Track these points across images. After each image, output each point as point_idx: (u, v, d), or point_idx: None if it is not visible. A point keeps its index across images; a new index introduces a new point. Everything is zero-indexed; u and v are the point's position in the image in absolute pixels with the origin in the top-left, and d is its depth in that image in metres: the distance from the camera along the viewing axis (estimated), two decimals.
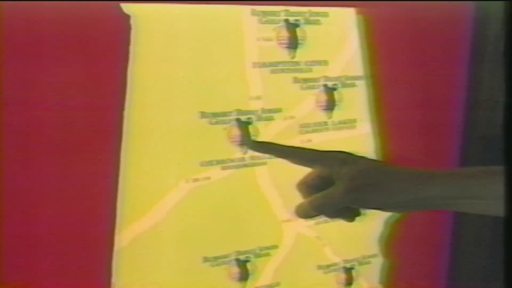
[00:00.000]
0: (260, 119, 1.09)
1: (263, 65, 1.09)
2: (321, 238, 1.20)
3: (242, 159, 1.09)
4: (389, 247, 1.29)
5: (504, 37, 1.24)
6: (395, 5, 1.20)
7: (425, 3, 1.22)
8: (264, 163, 1.11)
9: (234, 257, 1.11)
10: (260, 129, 1.09)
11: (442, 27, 1.27)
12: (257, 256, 1.14)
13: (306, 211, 0.77)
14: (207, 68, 1.04)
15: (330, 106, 1.17)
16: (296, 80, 1.13)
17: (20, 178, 0.91)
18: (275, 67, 1.10)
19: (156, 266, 1.05)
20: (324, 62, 1.15)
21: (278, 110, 1.11)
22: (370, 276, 1.28)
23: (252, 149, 1.02)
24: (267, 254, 1.15)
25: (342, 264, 1.25)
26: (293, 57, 1.12)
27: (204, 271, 1.09)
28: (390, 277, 1.30)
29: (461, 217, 1.35)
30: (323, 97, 1.16)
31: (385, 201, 0.74)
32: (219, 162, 1.06)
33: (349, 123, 1.20)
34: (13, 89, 0.88)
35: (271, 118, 1.11)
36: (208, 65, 1.04)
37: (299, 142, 1.12)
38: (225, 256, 1.10)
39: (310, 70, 1.14)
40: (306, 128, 1.15)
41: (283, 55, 1.11)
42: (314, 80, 1.15)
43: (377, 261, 1.29)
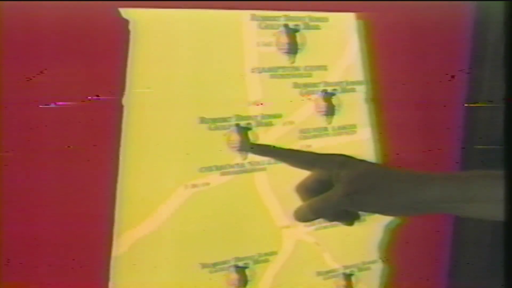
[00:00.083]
0: (260, 125, 1.09)
1: (263, 70, 1.08)
2: (321, 244, 1.20)
3: (242, 165, 1.08)
4: (389, 253, 1.28)
5: (505, 39, 1.23)
6: (395, 10, 1.19)
7: (425, 5, 1.22)
8: (264, 169, 1.10)
9: (233, 264, 1.11)
10: (260, 135, 1.09)
11: (442, 32, 1.27)
12: (256, 263, 1.13)
13: (305, 215, 0.77)
14: (207, 73, 1.03)
15: (330, 112, 1.17)
16: (296, 85, 1.12)
17: (20, 180, 0.91)
18: (275, 72, 1.10)
19: (155, 272, 1.04)
20: (324, 67, 1.15)
21: (278, 116, 1.11)
22: (370, 282, 1.28)
23: (252, 152, 1.01)
24: (266, 260, 1.14)
25: (342, 270, 1.24)
26: (293, 62, 1.11)
27: (203, 278, 1.08)
28: (390, 283, 1.30)
29: (461, 222, 1.34)
30: (323, 103, 1.16)
31: (385, 204, 0.73)
32: (218, 168, 1.06)
33: (349, 129, 1.20)
34: (13, 90, 0.87)
35: (271, 124, 1.10)
36: (208, 70, 1.03)
37: (299, 148, 1.11)
38: (224, 262, 1.10)
39: (310, 75, 1.13)
40: (306, 134, 1.14)
41: (283, 60, 1.10)
42: (314, 85, 1.14)
43: (377, 267, 1.28)
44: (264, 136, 1.09)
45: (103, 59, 0.94)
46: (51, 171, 0.93)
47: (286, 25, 1.09)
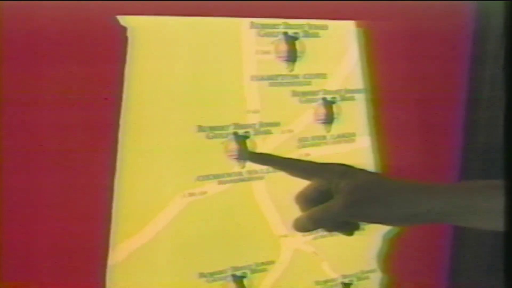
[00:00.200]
0: (258, 133, 1.08)
1: (262, 78, 1.08)
2: (319, 253, 1.19)
3: (239, 174, 1.07)
4: (388, 262, 1.27)
5: (505, 39, 1.23)
6: (394, 17, 1.19)
7: (424, 11, 1.21)
8: (262, 178, 1.09)
9: (231, 273, 1.10)
10: (258, 143, 1.08)
11: (442, 38, 1.26)
12: (254, 272, 1.12)
13: (305, 225, 0.76)
14: (205, 81, 1.03)
15: (329, 120, 1.16)
16: (295, 94, 1.12)
17: (15, 188, 0.90)
18: (274, 80, 1.09)
19: (152, 281, 1.03)
20: (323, 75, 1.14)
21: (276, 124, 1.10)
22: None
23: (251, 161, 1.01)
24: (264, 270, 1.13)
25: (340, 280, 1.23)
26: (292, 70, 1.11)
27: (200, 287, 1.07)
28: None
29: (461, 232, 1.33)
30: (322, 111, 1.15)
31: (385, 215, 0.73)
32: (216, 177, 1.05)
33: (348, 137, 1.19)
34: (12, 90, 0.86)
35: (269, 132, 1.09)
36: (206, 78, 1.03)
37: (298, 156, 1.11)
38: (221, 272, 1.09)
39: (309, 83, 1.13)
40: (305, 142, 1.14)
41: (282, 68, 1.10)
42: (313, 94, 1.13)
43: (376, 276, 1.28)
44: (263, 145, 1.08)
45: (101, 67, 0.93)
46: (47, 179, 0.92)
47: (285, 33, 1.09)
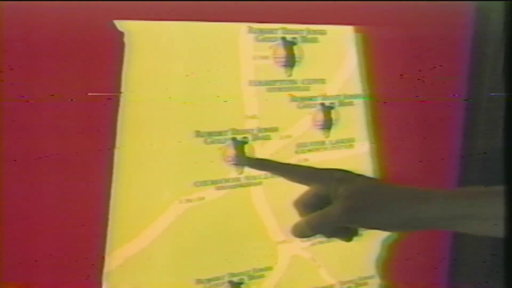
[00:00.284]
0: (256, 139, 1.08)
1: (260, 84, 1.07)
2: (317, 259, 1.18)
3: (237, 179, 1.07)
4: (387, 268, 1.27)
5: (505, 39, 1.22)
6: (393, 21, 1.19)
7: (423, 13, 1.21)
8: (260, 183, 1.09)
9: (228, 279, 1.09)
10: (256, 149, 1.08)
11: (441, 42, 1.26)
12: (251, 278, 1.12)
13: (303, 231, 0.76)
14: (203, 86, 1.02)
15: (328, 125, 1.15)
16: (293, 99, 1.11)
17: (13, 190, 0.89)
18: (272, 86, 1.09)
19: None
20: (322, 81, 1.14)
21: (275, 129, 1.10)
22: None
23: (249, 166, 1.00)
24: (262, 276, 1.13)
25: (338, 286, 1.23)
26: (290, 75, 1.10)
27: None
28: None
29: (460, 239, 1.33)
30: (320, 116, 1.14)
31: (384, 221, 0.73)
32: (214, 182, 1.04)
33: (347, 143, 1.18)
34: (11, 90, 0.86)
35: (268, 138, 1.09)
36: (204, 83, 1.02)
37: (296, 162, 1.10)
38: (219, 278, 1.08)
39: (307, 89, 1.12)
40: (303, 148, 1.13)
41: (280, 73, 1.09)
42: (311, 99, 1.13)
43: (374, 283, 1.27)
44: (261, 150, 1.08)
45: (97, 72, 0.93)
46: (43, 185, 0.92)
47: (284, 38, 1.08)
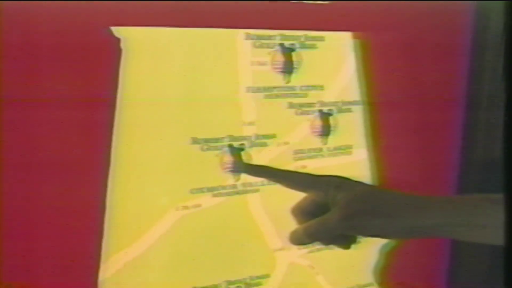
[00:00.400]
0: (254, 145, 1.07)
1: (257, 90, 1.07)
2: (314, 267, 1.18)
3: (234, 186, 1.06)
4: (385, 276, 1.26)
5: (505, 39, 1.22)
6: (391, 27, 1.18)
7: (422, 18, 1.20)
8: (257, 190, 1.08)
9: (225, 287, 1.09)
10: (253, 156, 1.07)
11: (440, 48, 1.25)
12: (248, 286, 1.11)
13: (301, 238, 0.75)
14: (200, 93, 1.02)
15: (326, 132, 1.15)
16: (291, 105, 1.11)
17: (11, 194, 0.89)
18: (270, 92, 1.08)
19: None
20: (320, 87, 1.13)
21: (272, 136, 1.09)
22: None
23: (246, 173, 0.99)
24: (259, 284, 1.12)
25: None
26: (288, 82, 1.10)
27: None
28: None
29: (458, 247, 1.32)
30: (319, 123, 1.14)
31: (383, 229, 0.72)
32: (210, 190, 1.04)
33: (345, 149, 1.18)
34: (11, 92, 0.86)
35: (265, 144, 1.08)
36: (201, 90, 1.02)
37: (294, 169, 1.09)
38: (215, 286, 1.08)
39: (306, 95, 1.12)
40: (301, 154, 1.13)
41: (278, 80, 1.09)
42: (309, 105, 1.12)
43: None
44: (258, 157, 1.07)
45: (94, 79, 0.92)
46: (39, 191, 0.92)
47: (282, 44, 1.08)
